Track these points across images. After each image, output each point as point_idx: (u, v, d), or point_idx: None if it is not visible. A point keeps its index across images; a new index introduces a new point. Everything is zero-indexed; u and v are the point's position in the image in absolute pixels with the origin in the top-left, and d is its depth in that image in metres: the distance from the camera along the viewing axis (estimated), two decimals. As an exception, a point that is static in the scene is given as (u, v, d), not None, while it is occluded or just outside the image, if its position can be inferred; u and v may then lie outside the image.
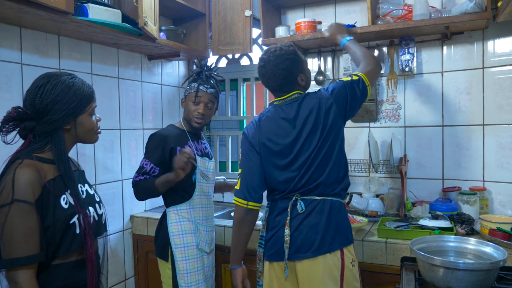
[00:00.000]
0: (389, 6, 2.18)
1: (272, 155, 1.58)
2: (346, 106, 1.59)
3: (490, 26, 2.10)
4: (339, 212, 1.54)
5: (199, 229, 1.93)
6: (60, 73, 1.23)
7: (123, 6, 2.29)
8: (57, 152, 1.19)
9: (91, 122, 1.28)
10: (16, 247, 1.07)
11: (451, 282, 1.28)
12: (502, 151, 2.10)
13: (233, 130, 3.00)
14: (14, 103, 1.81)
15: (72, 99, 1.20)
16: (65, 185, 1.20)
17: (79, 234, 1.19)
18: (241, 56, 2.94)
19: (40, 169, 1.14)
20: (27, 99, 1.19)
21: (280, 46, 1.63)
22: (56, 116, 1.17)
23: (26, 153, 1.17)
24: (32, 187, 1.10)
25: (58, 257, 1.16)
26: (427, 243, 1.53)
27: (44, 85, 1.18)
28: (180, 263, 1.84)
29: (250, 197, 1.60)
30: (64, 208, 1.16)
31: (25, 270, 1.08)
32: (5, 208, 1.07)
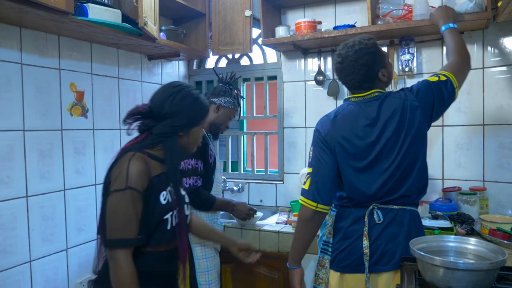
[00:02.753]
0: (389, 6, 2.18)
1: (348, 156, 1.46)
2: (432, 110, 1.45)
3: (490, 26, 2.10)
4: (419, 222, 1.47)
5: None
6: (190, 85, 1.38)
7: (123, 6, 2.29)
8: (169, 153, 1.30)
9: (200, 134, 1.41)
10: (121, 229, 1.19)
11: (451, 282, 1.28)
12: (502, 151, 2.10)
13: (233, 130, 3.00)
14: (14, 103, 1.82)
15: (195, 111, 1.34)
16: (166, 183, 1.30)
17: (170, 230, 1.29)
18: (241, 56, 2.94)
19: (150, 164, 1.25)
20: (156, 101, 1.31)
21: (359, 39, 1.49)
22: (177, 123, 1.30)
23: (138, 147, 1.28)
24: (141, 178, 1.22)
25: (149, 246, 1.27)
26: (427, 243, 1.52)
27: (175, 94, 1.31)
28: (201, 262, 1.88)
29: (321, 200, 1.48)
30: (162, 204, 1.27)
31: (125, 250, 1.20)
32: (119, 193, 1.19)
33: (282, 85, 2.70)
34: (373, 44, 1.48)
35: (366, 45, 1.47)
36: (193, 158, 1.83)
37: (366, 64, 1.45)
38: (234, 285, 2.23)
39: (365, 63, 1.45)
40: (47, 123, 1.97)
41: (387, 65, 1.51)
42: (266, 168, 2.83)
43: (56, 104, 2.02)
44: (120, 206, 1.19)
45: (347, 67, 1.48)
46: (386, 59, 1.52)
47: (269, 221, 2.36)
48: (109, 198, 1.21)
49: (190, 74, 3.07)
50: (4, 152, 1.78)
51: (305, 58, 2.61)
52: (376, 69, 1.48)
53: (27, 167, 1.87)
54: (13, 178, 1.82)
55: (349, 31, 2.17)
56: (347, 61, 1.48)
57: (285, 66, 2.68)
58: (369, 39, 1.50)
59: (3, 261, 1.77)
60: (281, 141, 2.72)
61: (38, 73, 1.94)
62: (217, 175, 2.04)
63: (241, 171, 2.95)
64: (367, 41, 1.48)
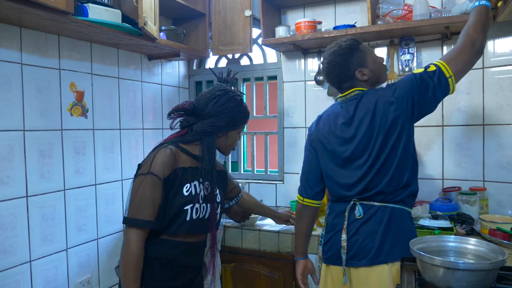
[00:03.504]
0: (389, 6, 2.18)
1: (327, 153, 1.55)
2: (412, 104, 1.41)
3: (490, 26, 2.08)
4: (401, 220, 1.44)
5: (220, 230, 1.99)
6: (235, 91, 1.47)
7: (123, 6, 2.29)
8: (206, 150, 1.39)
9: (236, 138, 1.50)
10: (139, 210, 1.29)
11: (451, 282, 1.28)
12: (502, 151, 2.10)
13: (233, 130, 3.01)
14: (14, 103, 1.82)
15: (236, 115, 1.43)
16: (194, 177, 1.39)
17: (188, 221, 1.36)
18: (241, 56, 2.94)
19: (178, 156, 1.35)
20: (201, 101, 1.42)
21: (337, 42, 1.55)
22: (218, 123, 1.39)
23: (174, 141, 1.40)
24: (163, 166, 1.31)
25: (167, 234, 1.35)
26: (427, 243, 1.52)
27: (220, 96, 1.41)
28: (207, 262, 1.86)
29: (306, 194, 1.64)
30: (183, 195, 1.35)
31: (138, 230, 1.29)
32: (142, 176, 1.31)
33: (282, 85, 2.70)
34: (348, 45, 1.52)
35: (340, 47, 1.52)
36: None
37: (339, 65, 1.51)
38: (234, 285, 2.23)
39: (337, 64, 1.52)
40: (47, 123, 1.97)
41: (369, 64, 1.52)
42: (266, 168, 2.83)
43: (56, 104, 2.02)
44: (140, 188, 1.30)
45: (325, 69, 1.58)
46: (368, 58, 1.52)
47: (269, 221, 2.36)
48: (134, 180, 1.34)
49: (190, 74, 3.07)
50: (4, 152, 1.78)
51: (305, 58, 2.61)
52: (352, 69, 1.51)
53: (27, 167, 1.87)
54: (13, 178, 1.82)
55: (349, 31, 2.17)
56: (324, 63, 1.57)
57: (285, 66, 2.68)
58: (346, 40, 1.54)
59: (3, 261, 1.77)
60: (281, 141, 2.72)
61: (38, 73, 1.94)
62: None
63: (241, 171, 2.95)
64: (343, 43, 1.53)
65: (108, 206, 2.32)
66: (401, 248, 1.41)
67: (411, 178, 1.46)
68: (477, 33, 1.41)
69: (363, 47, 1.54)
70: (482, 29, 1.42)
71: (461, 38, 1.43)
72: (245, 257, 2.19)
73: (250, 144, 2.92)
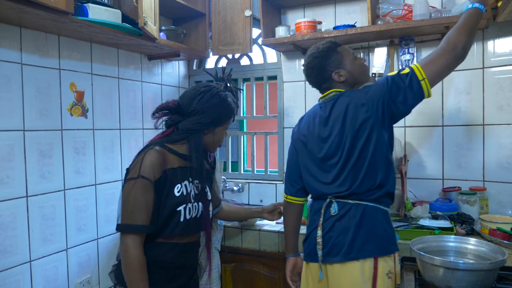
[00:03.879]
0: (389, 6, 2.18)
1: (306, 152, 1.59)
2: (382, 107, 1.41)
3: (490, 26, 2.10)
4: (375, 218, 1.45)
5: (214, 228, 1.97)
6: (219, 86, 1.46)
7: (123, 6, 2.29)
8: (193, 148, 1.38)
9: (222, 135, 1.47)
10: (133, 215, 1.26)
11: (451, 282, 1.28)
12: (502, 151, 2.10)
13: (233, 130, 3.00)
14: (14, 103, 1.82)
15: (222, 111, 1.41)
16: (184, 177, 1.36)
17: (182, 222, 1.34)
18: (241, 56, 2.94)
19: (166, 157, 1.33)
20: (185, 99, 1.40)
21: (316, 44, 1.60)
22: (204, 120, 1.37)
23: (160, 141, 1.37)
24: (153, 168, 1.29)
25: (162, 236, 1.34)
26: (427, 243, 1.53)
27: (205, 92, 1.39)
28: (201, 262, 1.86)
29: (288, 191, 1.70)
30: (175, 195, 1.33)
31: (135, 236, 1.27)
32: (132, 181, 1.28)
33: (282, 85, 2.70)
34: (325, 48, 1.56)
35: (318, 49, 1.57)
36: None
37: (315, 67, 1.57)
38: (234, 285, 2.23)
39: (314, 66, 1.57)
40: (47, 123, 1.97)
41: (346, 66, 1.54)
42: (266, 168, 2.83)
43: (56, 104, 2.02)
44: (131, 193, 1.27)
45: (304, 71, 1.64)
46: (346, 60, 1.54)
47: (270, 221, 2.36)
48: (124, 186, 1.31)
49: (190, 74, 3.07)
50: (4, 152, 1.78)
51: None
52: (329, 71, 1.54)
53: (27, 167, 1.87)
54: (13, 178, 1.82)
55: (349, 31, 2.17)
56: (304, 65, 1.63)
57: (285, 66, 2.68)
58: (325, 43, 1.58)
59: (3, 261, 1.77)
60: (281, 141, 2.72)
61: (38, 73, 1.93)
62: (216, 175, 2.03)
63: (241, 171, 2.95)
64: (321, 45, 1.58)
65: (108, 206, 2.32)
66: (372, 246, 1.41)
67: (384, 179, 1.46)
68: (460, 37, 1.37)
69: (341, 49, 1.57)
70: (467, 33, 1.37)
71: (444, 41, 1.40)
72: (245, 257, 2.20)
73: (250, 144, 2.92)
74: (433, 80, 1.38)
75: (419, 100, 1.40)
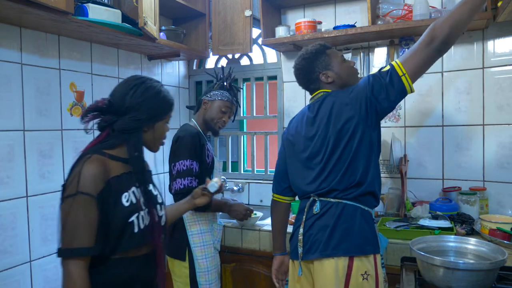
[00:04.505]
0: (389, 6, 2.18)
1: (293, 152, 1.61)
2: (366, 105, 1.42)
3: (490, 26, 2.10)
4: (353, 217, 1.45)
5: (214, 228, 1.97)
6: (152, 78, 1.30)
7: (123, 6, 2.29)
8: (133, 150, 1.22)
9: (164, 130, 1.33)
10: (74, 238, 1.11)
11: (451, 282, 1.28)
12: (502, 151, 2.10)
13: (233, 130, 3.00)
14: (14, 103, 1.82)
15: (159, 104, 1.26)
16: (130, 183, 1.22)
17: (137, 233, 1.20)
18: (241, 56, 2.94)
19: (107, 165, 1.17)
20: (116, 95, 1.24)
21: (306, 47, 1.63)
22: (140, 116, 1.22)
23: (97, 149, 1.21)
24: (95, 181, 1.13)
25: (118, 253, 1.18)
26: (427, 243, 1.53)
27: (138, 85, 1.24)
28: (201, 262, 1.87)
29: (275, 189, 1.73)
30: (124, 206, 1.18)
31: (77, 260, 1.11)
32: (70, 199, 1.12)
33: (282, 85, 2.70)
34: (314, 49, 1.59)
35: (306, 51, 1.60)
36: (187, 158, 1.82)
37: (303, 68, 1.60)
38: (234, 285, 2.23)
39: (301, 67, 1.61)
40: (47, 123, 1.97)
41: (333, 67, 1.56)
42: (266, 168, 2.83)
43: (56, 104, 2.02)
44: (71, 213, 1.11)
45: (293, 72, 1.67)
46: (333, 62, 1.57)
47: (269, 221, 2.36)
48: (61, 205, 1.14)
49: (190, 74, 3.07)
50: (4, 152, 1.78)
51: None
52: (317, 72, 1.57)
53: (27, 167, 1.87)
54: (13, 178, 1.82)
55: (349, 31, 2.17)
56: (293, 66, 1.66)
57: (285, 66, 2.68)
58: (314, 45, 1.61)
59: (3, 261, 1.77)
60: (281, 141, 2.71)
61: (38, 73, 1.94)
62: (215, 175, 2.04)
63: (241, 171, 2.95)
64: (310, 47, 1.61)
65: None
66: (347, 245, 1.41)
67: (364, 177, 1.46)
68: (441, 29, 1.31)
69: (330, 52, 1.59)
70: (450, 26, 1.30)
71: (424, 33, 1.36)
72: (245, 257, 2.19)
73: (250, 144, 2.92)
74: (413, 74, 1.37)
75: (403, 95, 1.40)
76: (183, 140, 1.84)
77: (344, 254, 1.41)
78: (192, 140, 1.85)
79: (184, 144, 1.84)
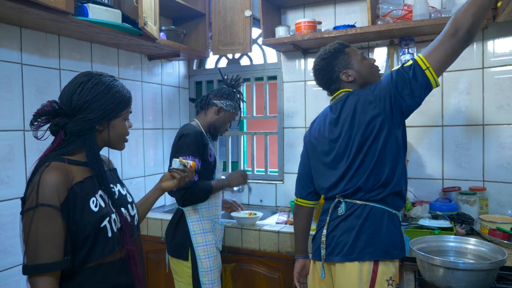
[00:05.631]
0: (389, 6, 2.18)
1: (316, 154, 1.59)
2: (390, 102, 1.38)
3: (490, 26, 2.10)
4: (381, 220, 1.41)
5: (216, 227, 1.98)
6: (102, 73, 1.21)
7: (123, 6, 2.29)
8: (89, 152, 1.15)
9: (124, 127, 1.24)
10: (38, 253, 1.03)
11: (451, 282, 1.28)
12: (502, 151, 2.10)
13: (233, 130, 3.00)
14: (14, 103, 1.82)
15: (110, 100, 1.17)
16: (95, 187, 1.16)
17: (111, 237, 1.14)
18: (241, 56, 2.94)
19: (68, 171, 1.10)
20: (64, 95, 1.16)
21: (324, 47, 1.61)
22: (91, 116, 1.13)
23: (55, 155, 1.14)
24: (57, 190, 1.05)
25: (93, 260, 1.12)
26: (427, 243, 1.53)
27: (84, 83, 1.15)
28: (203, 261, 1.87)
29: (299, 194, 1.70)
30: (93, 211, 1.11)
31: (46, 277, 1.03)
32: (30, 212, 1.04)
33: (282, 85, 2.70)
34: (332, 49, 1.57)
35: (325, 51, 1.59)
36: (190, 155, 1.83)
37: (322, 68, 1.58)
38: (234, 284, 2.23)
39: (321, 68, 1.59)
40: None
41: (354, 66, 1.54)
42: (266, 168, 2.83)
43: (56, 104, 2.01)
44: (32, 228, 1.03)
45: (313, 74, 1.64)
46: (353, 60, 1.54)
47: (269, 221, 2.36)
48: (22, 219, 1.07)
49: (190, 74, 3.07)
50: (4, 152, 1.78)
51: (305, 58, 2.61)
52: (336, 72, 1.55)
53: (27, 167, 1.87)
54: (13, 178, 1.82)
55: (349, 31, 2.17)
56: (312, 68, 1.64)
57: (285, 66, 2.68)
58: (332, 45, 1.59)
59: (3, 261, 1.77)
60: (281, 141, 2.72)
61: (38, 73, 1.93)
62: (217, 175, 2.04)
63: (241, 171, 2.94)
64: (328, 47, 1.59)
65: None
66: (374, 249, 1.38)
67: (390, 177, 1.42)
68: (464, 19, 1.27)
69: (349, 50, 1.57)
70: (472, 15, 1.26)
71: (448, 23, 1.32)
72: (245, 257, 2.19)
73: (250, 144, 2.92)
74: (438, 68, 1.32)
75: (428, 90, 1.36)
76: (187, 138, 1.86)
77: (370, 258, 1.37)
78: (195, 138, 1.86)
79: (188, 141, 1.85)
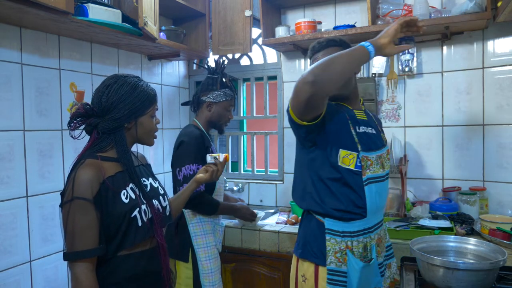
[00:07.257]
0: (389, 6, 2.18)
1: None
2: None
3: (490, 26, 2.10)
4: (303, 223, 1.56)
5: (216, 229, 1.98)
6: (128, 75, 1.31)
7: (123, 6, 2.29)
8: (119, 148, 1.26)
9: (151, 124, 1.35)
10: (75, 242, 1.15)
11: (451, 282, 1.28)
12: (502, 151, 2.10)
13: (233, 130, 3.00)
14: (14, 103, 1.82)
15: (135, 99, 1.27)
16: (126, 181, 1.25)
17: (142, 226, 1.24)
18: (241, 56, 2.94)
19: (101, 167, 1.21)
20: (94, 97, 1.27)
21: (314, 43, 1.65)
22: (119, 115, 1.24)
23: (89, 153, 1.25)
24: (90, 184, 1.17)
25: (124, 249, 1.23)
26: (427, 243, 1.53)
27: (111, 85, 1.26)
28: (204, 263, 1.87)
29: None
30: (124, 203, 1.22)
31: (83, 263, 1.16)
32: (67, 205, 1.17)
33: (282, 85, 2.70)
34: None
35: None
36: (194, 163, 1.83)
37: None
38: (234, 285, 2.23)
39: None
40: (47, 123, 1.97)
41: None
42: (266, 168, 2.83)
43: (56, 104, 2.02)
44: (69, 218, 1.16)
45: None
46: None
47: (269, 221, 2.36)
48: (61, 211, 1.20)
49: (190, 74, 3.07)
50: (4, 152, 1.78)
51: (305, 58, 2.61)
52: None
53: (27, 167, 1.87)
54: (13, 178, 1.82)
55: (349, 31, 2.17)
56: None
57: (285, 66, 2.68)
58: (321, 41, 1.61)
59: (3, 261, 1.77)
60: (281, 141, 2.72)
61: (38, 73, 1.93)
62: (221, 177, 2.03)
63: (241, 171, 2.95)
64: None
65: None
66: (297, 246, 1.55)
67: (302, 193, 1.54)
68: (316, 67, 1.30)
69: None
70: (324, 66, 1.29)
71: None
72: (245, 257, 2.19)
73: (250, 144, 2.92)
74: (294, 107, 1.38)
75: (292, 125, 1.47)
76: (188, 145, 1.85)
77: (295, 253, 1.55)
78: (196, 144, 1.86)
79: (188, 149, 1.85)
